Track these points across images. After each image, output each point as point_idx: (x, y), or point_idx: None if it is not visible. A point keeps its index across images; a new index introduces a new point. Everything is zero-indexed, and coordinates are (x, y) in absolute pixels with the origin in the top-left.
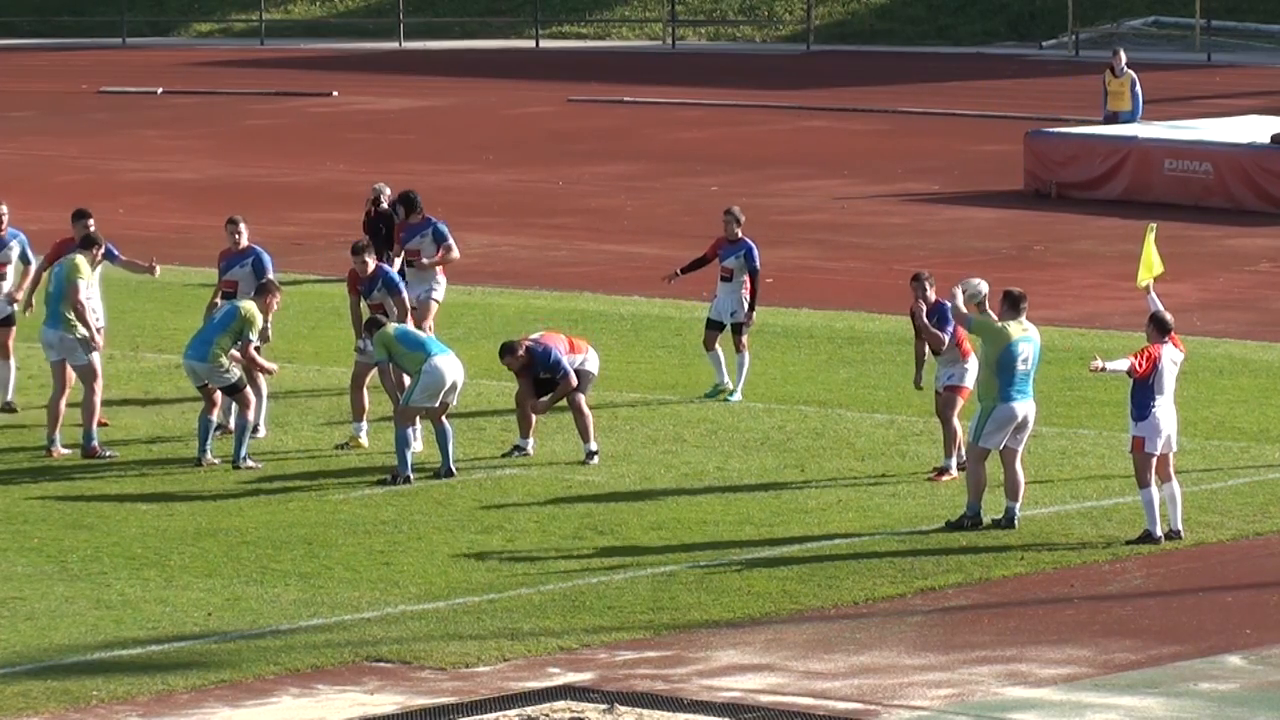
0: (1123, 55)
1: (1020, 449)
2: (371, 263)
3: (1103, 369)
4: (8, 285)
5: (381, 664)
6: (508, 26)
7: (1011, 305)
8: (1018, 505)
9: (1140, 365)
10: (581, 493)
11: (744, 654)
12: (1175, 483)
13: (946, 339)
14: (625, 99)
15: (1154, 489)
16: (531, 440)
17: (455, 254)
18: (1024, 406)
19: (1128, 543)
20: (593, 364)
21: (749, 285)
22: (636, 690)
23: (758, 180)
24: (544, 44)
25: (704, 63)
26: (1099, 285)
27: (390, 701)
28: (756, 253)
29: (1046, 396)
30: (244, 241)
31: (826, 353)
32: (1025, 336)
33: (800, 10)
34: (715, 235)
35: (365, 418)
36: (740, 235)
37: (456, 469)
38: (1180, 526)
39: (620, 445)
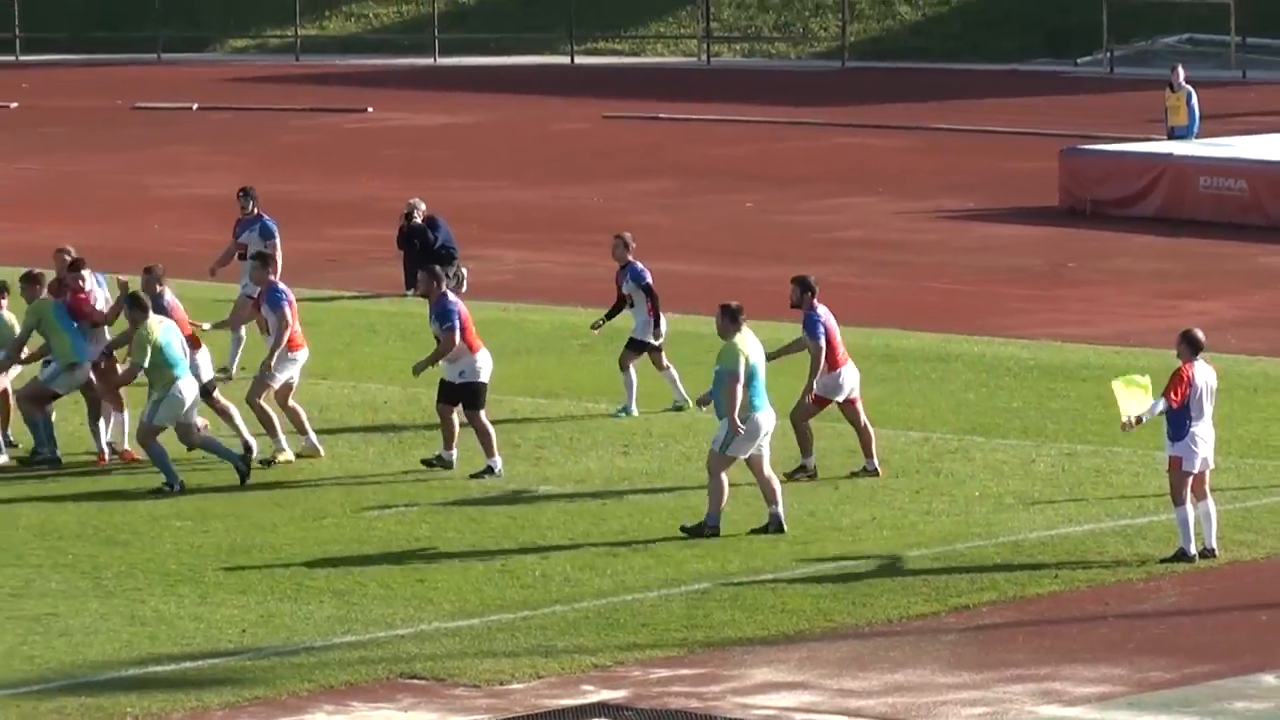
0: (1180, 71)
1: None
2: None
3: (1138, 421)
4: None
5: (416, 681)
6: (543, 43)
7: (731, 319)
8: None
9: (1175, 398)
10: (616, 510)
11: (778, 671)
12: (1210, 500)
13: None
14: (661, 115)
15: (1189, 507)
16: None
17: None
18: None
19: (1162, 561)
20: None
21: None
22: (671, 708)
23: (792, 197)
24: (579, 60)
25: (739, 79)
26: (1134, 303)
27: (425, 718)
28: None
29: (1080, 414)
30: (255, 210)
31: (861, 370)
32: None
33: (835, 27)
34: (750, 251)
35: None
36: (630, 259)
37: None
38: (1215, 545)
39: (654, 462)
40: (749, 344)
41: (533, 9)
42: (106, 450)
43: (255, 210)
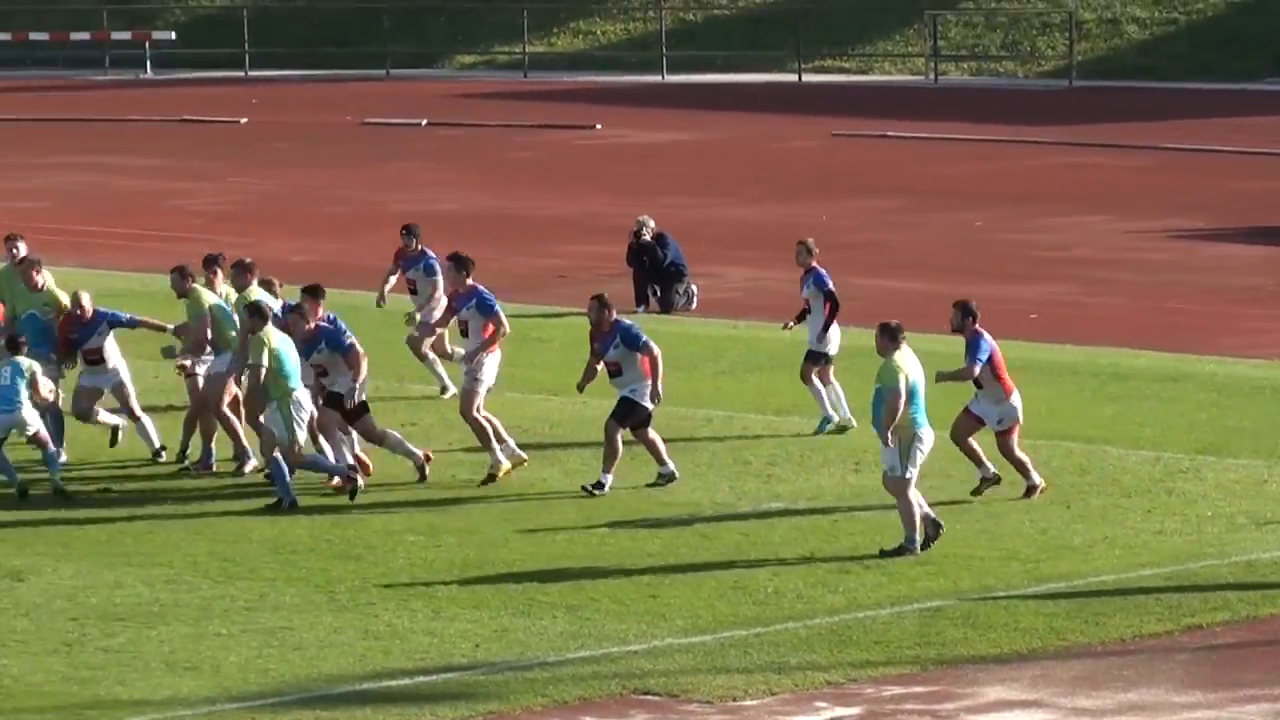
0: None
1: None
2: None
3: None
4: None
5: (648, 697)
6: (770, 60)
7: (891, 338)
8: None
9: None
10: (848, 526)
11: (1011, 690)
12: None
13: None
14: (888, 134)
15: None
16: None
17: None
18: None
19: None
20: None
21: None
22: None
23: (1020, 215)
24: (807, 78)
25: (966, 97)
26: None
27: None
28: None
29: None
30: (418, 246)
31: (1091, 389)
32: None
33: (1062, 46)
34: (977, 270)
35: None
36: (813, 264)
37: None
38: None
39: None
40: (908, 362)
41: (760, 27)
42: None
43: (419, 247)
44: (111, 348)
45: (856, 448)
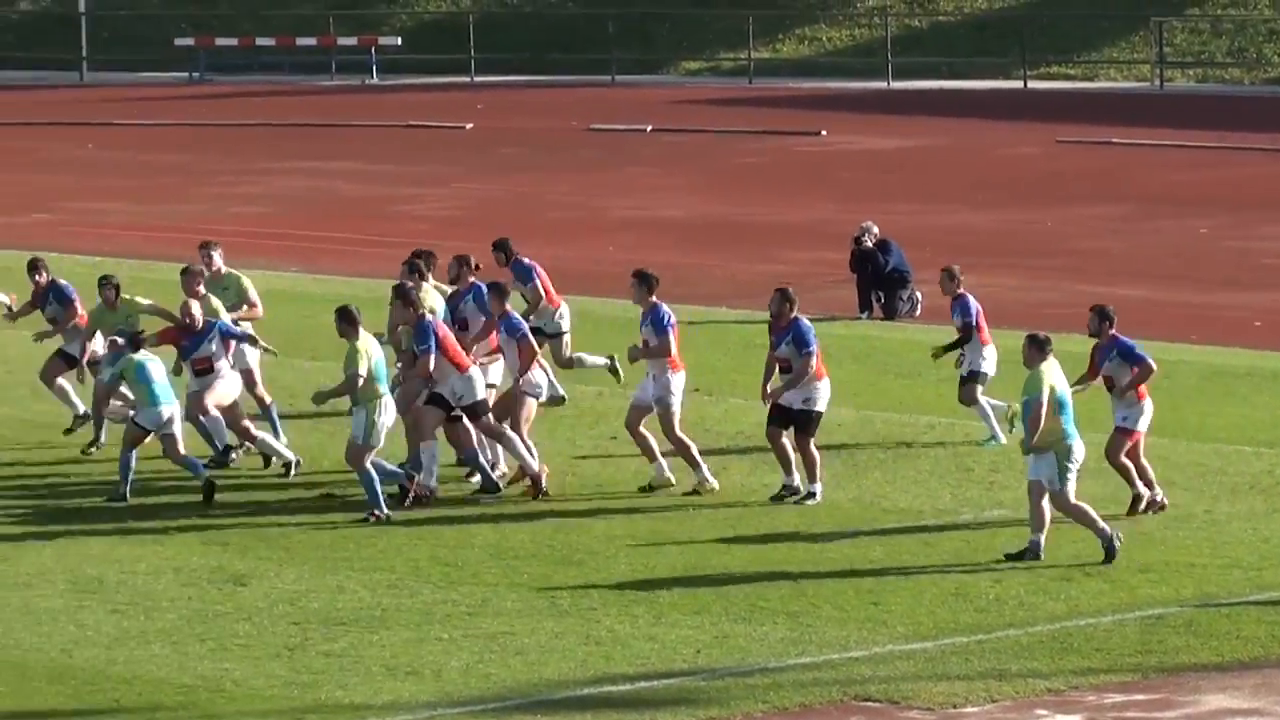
0: None
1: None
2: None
3: None
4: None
5: (869, 703)
6: (995, 67)
7: (1039, 349)
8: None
9: None
10: (1069, 534)
11: (1233, 698)
12: None
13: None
14: (1113, 140)
15: None
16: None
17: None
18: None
19: None
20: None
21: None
22: None
23: (1246, 222)
24: (1032, 85)
25: (1192, 104)
26: None
27: None
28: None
29: None
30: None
31: None
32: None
33: None
34: (1203, 277)
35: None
36: (959, 291)
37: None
38: None
39: (1109, 487)
40: (1054, 373)
41: (986, 34)
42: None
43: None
44: (223, 358)
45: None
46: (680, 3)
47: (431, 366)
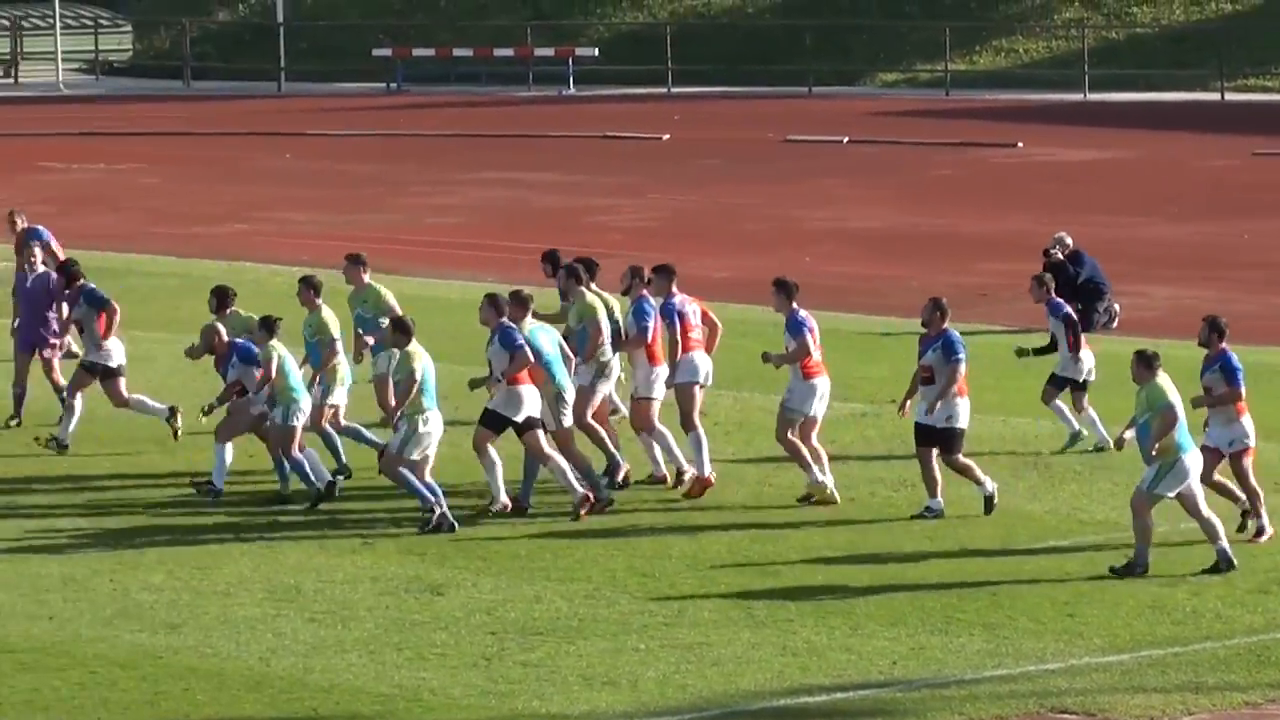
0: None
1: None
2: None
3: None
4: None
5: (1066, 715)
6: (1193, 79)
7: (1146, 365)
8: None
9: None
10: (1267, 548)
11: None
12: None
13: None
14: None
15: None
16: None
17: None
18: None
19: None
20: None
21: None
22: None
23: None
24: (1229, 96)
25: None
26: None
27: None
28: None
29: None
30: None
31: None
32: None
33: None
34: None
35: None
36: (1050, 296)
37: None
38: None
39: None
40: (1169, 388)
41: (1183, 46)
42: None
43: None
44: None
45: (1276, 468)
46: (877, 14)
47: (523, 368)
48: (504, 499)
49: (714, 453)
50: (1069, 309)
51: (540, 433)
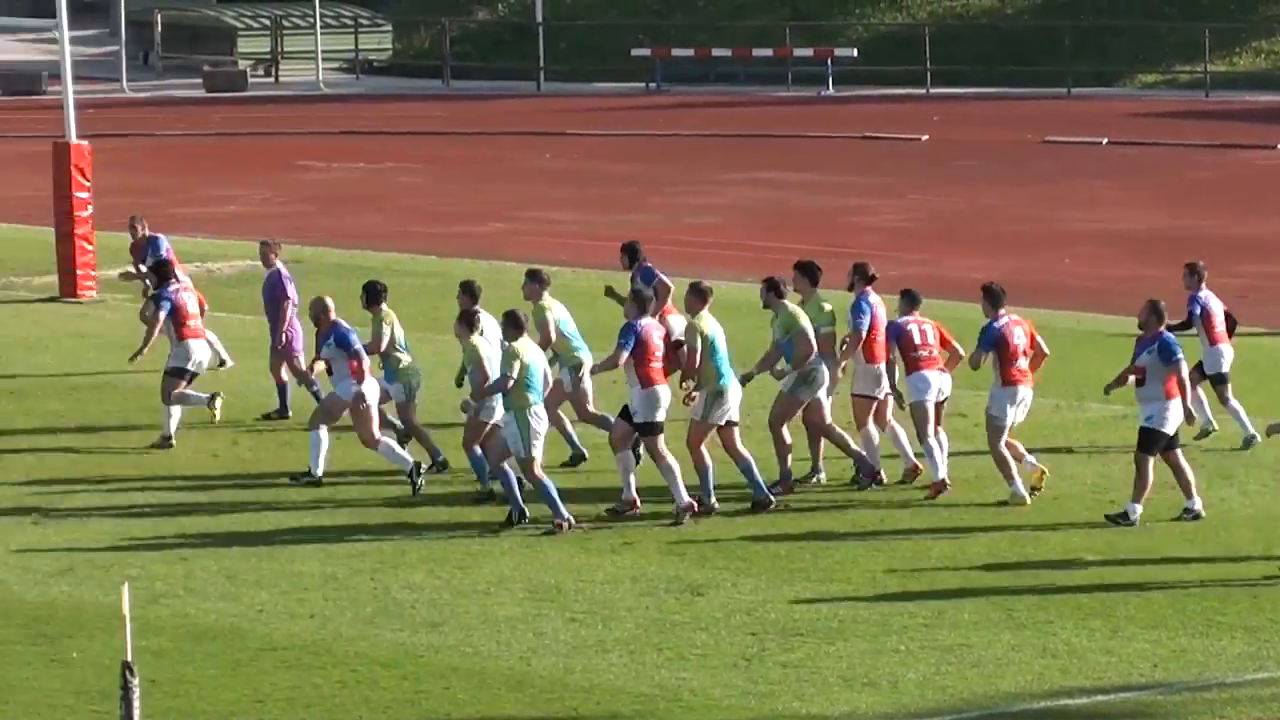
0: None
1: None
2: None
3: None
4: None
5: None
6: None
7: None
8: None
9: None
10: None
11: None
12: None
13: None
14: None
15: None
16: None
17: None
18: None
19: None
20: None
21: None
22: None
23: None
24: None
25: None
26: None
27: None
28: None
29: None
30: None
31: None
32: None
33: None
34: None
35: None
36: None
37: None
38: None
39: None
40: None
41: None
42: None
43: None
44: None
45: None
46: (1136, 15)
47: (621, 361)
48: (685, 498)
49: (975, 452)
50: (1199, 307)
51: (660, 437)
